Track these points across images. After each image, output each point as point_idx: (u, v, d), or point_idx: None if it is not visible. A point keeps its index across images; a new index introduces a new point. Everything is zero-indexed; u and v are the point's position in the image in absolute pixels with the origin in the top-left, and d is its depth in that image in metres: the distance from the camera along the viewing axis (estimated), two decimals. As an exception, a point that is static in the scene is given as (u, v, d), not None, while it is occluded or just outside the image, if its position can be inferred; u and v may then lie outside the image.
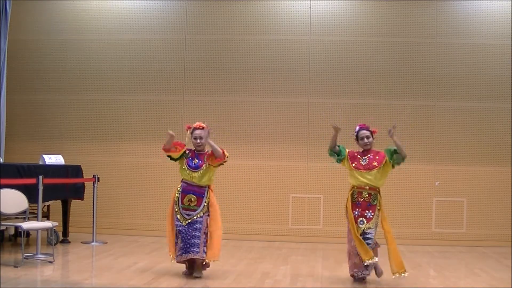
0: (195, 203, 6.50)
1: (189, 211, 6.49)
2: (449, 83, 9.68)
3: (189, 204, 6.49)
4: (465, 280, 6.74)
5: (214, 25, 9.99)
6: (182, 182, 6.61)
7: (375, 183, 6.42)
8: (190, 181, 6.53)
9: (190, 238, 6.42)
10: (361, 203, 6.40)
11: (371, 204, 6.41)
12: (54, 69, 10.25)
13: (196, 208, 6.49)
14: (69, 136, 10.14)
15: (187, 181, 6.56)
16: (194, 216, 6.47)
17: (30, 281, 6.19)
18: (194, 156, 6.62)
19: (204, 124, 6.65)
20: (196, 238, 6.43)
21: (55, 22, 10.29)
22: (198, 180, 6.51)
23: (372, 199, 6.42)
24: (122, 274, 6.57)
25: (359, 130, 6.65)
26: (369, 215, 6.39)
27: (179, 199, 6.53)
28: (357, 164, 6.51)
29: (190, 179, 6.53)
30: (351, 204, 6.43)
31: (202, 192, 6.53)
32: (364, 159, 6.53)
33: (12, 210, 7.12)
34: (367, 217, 6.38)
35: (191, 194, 6.50)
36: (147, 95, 10.06)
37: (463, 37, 9.68)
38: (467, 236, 9.50)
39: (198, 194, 6.51)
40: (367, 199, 6.41)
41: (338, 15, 9.81)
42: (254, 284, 6.27)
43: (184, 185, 6.57)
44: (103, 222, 9.58)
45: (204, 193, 6.54)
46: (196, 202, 6.50)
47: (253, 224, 9.71)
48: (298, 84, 9.82)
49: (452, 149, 9.62)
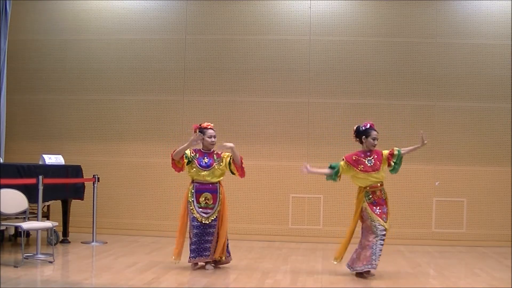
0: (211, 201, 6.72)
1: (207, 209, 6.71)
2: (449, 83, 9.68)
3: (206, 203, 6.70)
4: (465, 280, 6.73)
5: (214, 25, 9.99)
6: (193, 183, 6.77)
7: (383, 178, 6.71)
8: (203, 180, 6.73)
9: (204, 243, 6.66)
10: (377, 201, 6.63)
11: (384, 199, 6.69)
12: (54, 69, 10.25)
13: (212, 206, 6.73)
14: (69, 136, 10.14)
15: (199, 180, 6.75)
16: (211, 215, 6.70)
17: (30, 281, 6.19)
18: (202, 155, 6.83)
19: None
20: (209, 242, 6.70)
21: (55, 22, 10.29)
22: (211, 178, 6.74)
23: (384, 195, 6.71)
24: (122, 274, 6.57)
25: (371, 130, 6.73)
26: (385, 210, 6.67)
27: (193, 200, 6.69)
28: (364, 166, 6.61)
29: (203, 178, 6.73)
30: (368, 205, 6.62)
31: (215, 188, 6.77)
32: (369, 160, 6.64)
33: (12, 210, 7.12)
34: (385, 212, 6.67)
35: (206, 192, 6.71)
36: (147, 95, 10.06)
37: (463, 37, 9.68)
38: (467, 236, 9.50)
39: (212, 191, 6.74)
40: (380, 196, 6.67)
41: (338, 15, 9.81)
42: (254, 284, 6.27)
43: (197, 185, 6.75)
44: (103, 222, 9.58)
45: (217, 189, 6.78)
46: (212, 200, 6.72)
47: (253, 224, 9.71)
48: (298, 84, 9.82)
49: (452, 149, 9.62)
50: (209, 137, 6.84)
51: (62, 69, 10.24)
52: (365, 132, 6.69)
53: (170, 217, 9.86)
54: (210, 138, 6.84)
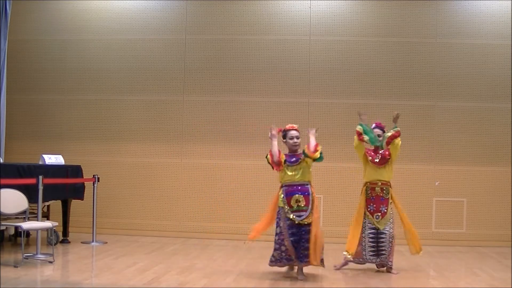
0: (304, 202, 6.40)
1: (300, 212, 6.40)
2: (449, 83, 9.68)
3: (298, 205, 6.39)
4: (465, 280, 6.74)
5: (214, 25, 9.99)
6: (283, 187, 6.52)
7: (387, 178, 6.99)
8: (292, 181, 6.46)
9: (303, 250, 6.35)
10: (375, 198, 6.89)
11: (385, 199, 6.88)
12: (54, 69, 10.25)
13: (306, 208, 6.40)
14: (69, 136, 10.14)
15: (289, 182, 6.47)
16: (304, 218, 6.38)
17: (30, 281, 6.19)
18: (289, 157, 6.59)
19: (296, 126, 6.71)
20: (306, 250, 6.36)
21: (55, 22, 10.29)
22: (301, 177, 6.45)
23: (386, 194, 6.91)
24: (122, 274, 6.57)
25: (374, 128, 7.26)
26: (384, 209, 6.87)
27: (285, 204, 6.43)
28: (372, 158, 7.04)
29: (291, 178, 6.46)
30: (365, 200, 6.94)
31: (306, 189, 6.46)
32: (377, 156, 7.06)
33: (12, 210, 7.12)
34: (382, 211, 6.86)
35: (297, 194, 6.42)
36: (147, 95, 10.06)
37: (463, 37, 9.68)
38: (467, 236, 9.50)
39: (302, 192, 6.42)
40: (380, 194, 6.89)
41: (338, 15, 9.81)
42: (254, 284, 6.27)
43: (286, 188, 6.48)
44: (103, 222, 9.57)
45: (309, 190, 6.47)
46: (304, 201, 6.40)
47: (253, 224, 9.65)
48: (298, 84, 9.82)
49: (452, 149, 9.62)
50: (291, 139, 6.58)
51: (62, 69, 10.24)
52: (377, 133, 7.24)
53: (170, 217, 9.88)
54: (291, 140, 6.57)
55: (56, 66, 10.24)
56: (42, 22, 10.32)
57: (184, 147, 9.94)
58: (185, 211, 9.86)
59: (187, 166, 9.92)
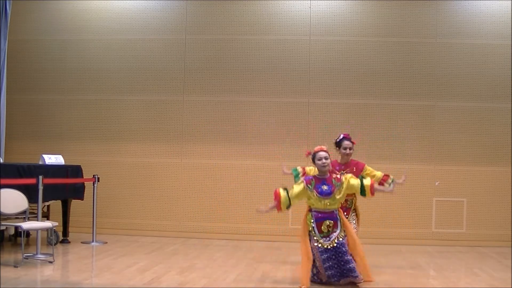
0: (333, 226, 6.20)
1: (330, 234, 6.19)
2: (449, 83, 9.68)
3: (328, 230, 6.19)
4: (465, 280, 6.73)
5: (214, 25, 9.99)
6: (312, 212, 6.27)
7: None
8: (323, 209, 6.23)
9: (345, 264, 6.09)
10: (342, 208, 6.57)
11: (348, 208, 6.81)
12: (54, 69, 10.25)
13: (335, 230, 6.20)
14: (69, 136, 10.14)
15: (319, 209, 6.24)
16: (334, 238, 6.16)
17: (30, 281, 6.19)
18: (320, 182, 6.28)
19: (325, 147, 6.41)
20: (350, 262, 6.10)
21: (55, 22, 10.29)
22: (333, 205, 6.23)
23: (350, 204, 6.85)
24: (122, 274, 6.57)
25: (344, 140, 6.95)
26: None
27: (314, 230, 6.21)
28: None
29: (324, 207, 6.23)
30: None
31: (335, 215, 6.25)
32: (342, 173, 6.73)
33: (12, 210, 7.12)
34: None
35: (327, 220, 6.20)
36: (147, 95, 10.06)
37: (463, 37, 9.68)
38: (467, 236, 9.50)
39: (332, 218, 6.22)
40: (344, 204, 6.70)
41: (338, 15, 9.81)
42: (254, 284, 6.27)
43: (316, 214, 6.23)
44: (103, 222, 9.58)
45: (337, 215, 6.27)
46: (333, 225, 6.21)
47: (253, 224, 9.70)
48: (298, 84, 9.82)
49: (452, 149, 9.62)
50: (319, 160, 6.24)
51: (62, 69, 10.24)
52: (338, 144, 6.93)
53: (170, 217, 9.88)
54: (320, 161, 6.24)
55: (56, 66, 10.24)
56: (42, 22, 10.32)
57: (184, 147, 9.94)
58: (185, 211, 9.86)
59: (187, 166, 9.92)
